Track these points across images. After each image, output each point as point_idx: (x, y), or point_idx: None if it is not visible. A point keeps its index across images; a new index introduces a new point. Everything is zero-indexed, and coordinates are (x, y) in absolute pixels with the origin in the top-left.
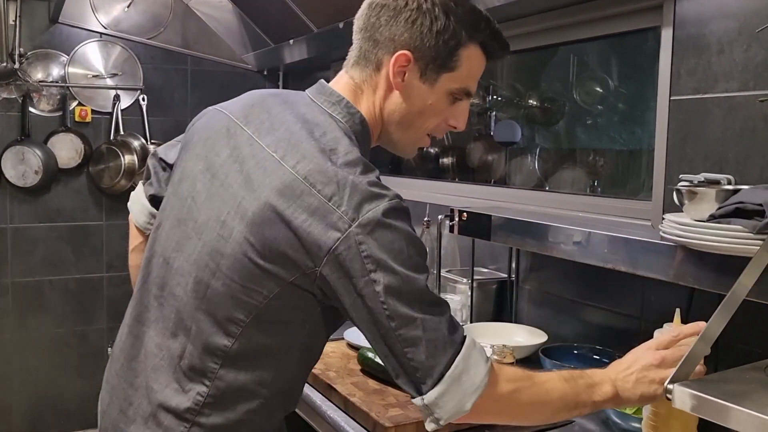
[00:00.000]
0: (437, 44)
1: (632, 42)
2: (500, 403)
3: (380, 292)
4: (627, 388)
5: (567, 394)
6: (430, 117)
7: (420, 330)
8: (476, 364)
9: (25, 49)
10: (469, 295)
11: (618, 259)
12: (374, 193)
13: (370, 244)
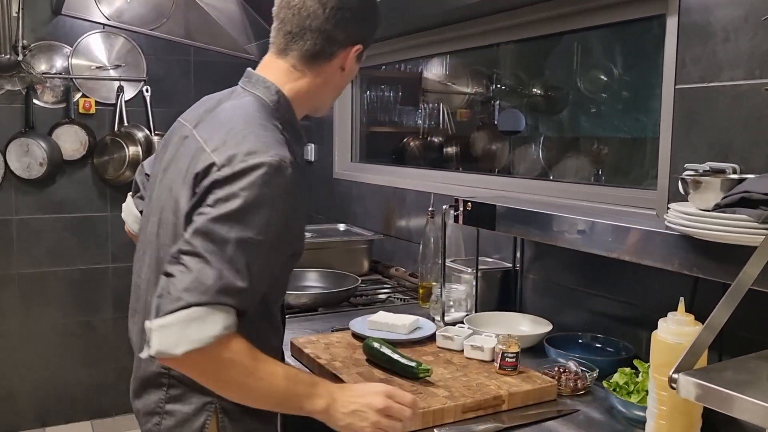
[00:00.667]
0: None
1: (636, 29)
2: (211, 367)
3: (201, 222)
4: (342, 412)
5: (278, 392)
6: (339, 89)
7: (198, 265)
8: (214, 325)
9: (28, 40)
10: (473, 285)
11: (623, 248)
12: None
13: (222, 187)
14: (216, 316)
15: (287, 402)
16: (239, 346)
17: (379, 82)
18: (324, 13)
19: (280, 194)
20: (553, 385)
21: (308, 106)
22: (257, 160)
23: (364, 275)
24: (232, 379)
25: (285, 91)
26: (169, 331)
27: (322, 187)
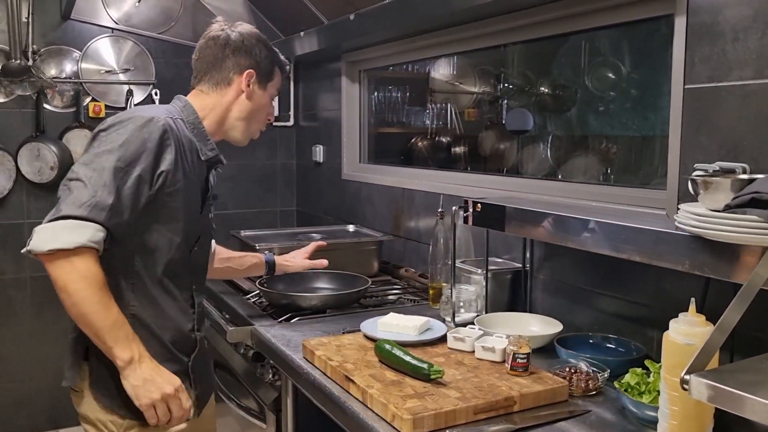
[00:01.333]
0: (266, 63)
1: (644, 27)
2: (65, 270)
3: (84, 156)
4: (138, 374)
5: (104, 323)
6: (261, 112)
7: (78, 186)
8: (81, 235)
9: (38, 45)
10: (483, 286)
11: (633, 249)
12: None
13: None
14: (85, 229)
15: (105, 335)
16: (95, 267)
17: (386, 83)
18: (218, 51)
19: (151, 139)
20: (564, 386)
21: (216, 118)
22: (132, 115)
23: (374, 276)
24: (76, 291)
25: (193, 104)
26: (44, 233)
27: (330, 188)
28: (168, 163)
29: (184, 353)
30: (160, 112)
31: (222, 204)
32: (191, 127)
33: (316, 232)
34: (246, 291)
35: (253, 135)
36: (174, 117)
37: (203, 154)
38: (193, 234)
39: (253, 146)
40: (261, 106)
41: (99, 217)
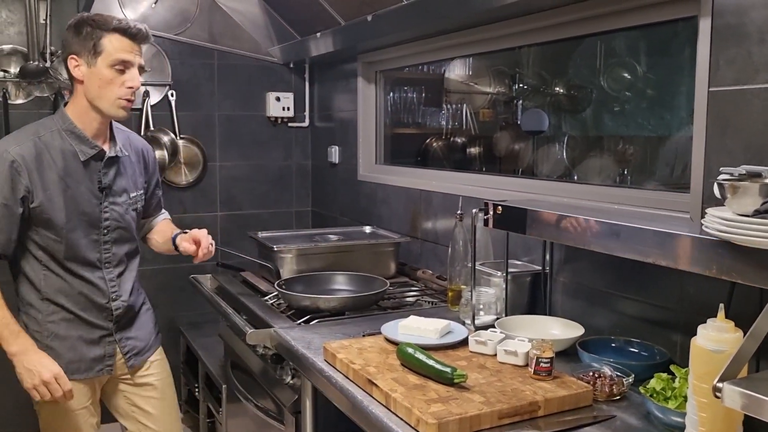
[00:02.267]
0: (84, 44)
1: (662, 27)
2: None
3: None
4: (23, 364)
5: None
6: (109, 86)
7: None
8: None
9: (56, 47)
10: (503, 288)
11: (659, 253)
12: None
13: None
14: None
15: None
16: None
17: (402, 84)
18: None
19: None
20: (588, 391)
21: (83, 113)
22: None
23: (391, 278)
24: None
25: (67, 110)
26: None
27: (346, 189)
28: (24, 188)
29: (105, 320)
30: (13, 141)
31: (237, 204)
32: (68, 134)
33: (332, 233)
34: (264, 292)
35: (123, 106)
36: (40, 135)
37: (83, 154)
38: (94, 225)
39: (269, 146)
40: (102, 80)
41: None
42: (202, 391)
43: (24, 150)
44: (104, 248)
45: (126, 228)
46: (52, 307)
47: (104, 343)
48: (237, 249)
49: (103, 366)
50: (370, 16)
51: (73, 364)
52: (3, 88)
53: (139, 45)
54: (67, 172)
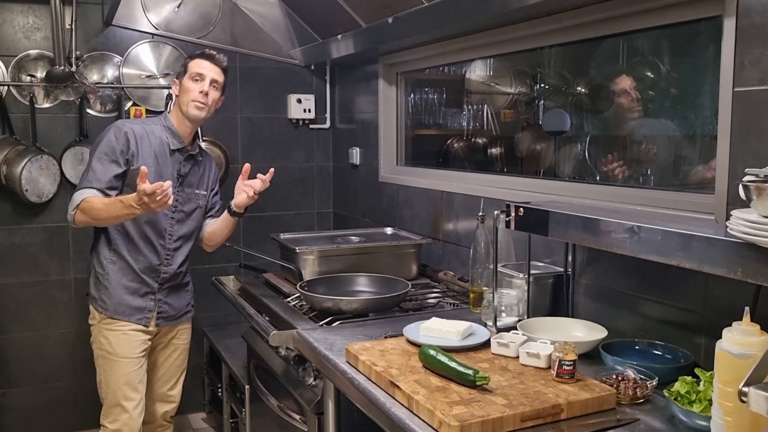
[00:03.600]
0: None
1: (685, 25)
2: (80, 214)
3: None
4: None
5: (107, 216)
6: (188, 93)
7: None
8: (80, 195)
9: (81, 52)
10: (525, 290)
11: (683, 255)
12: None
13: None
14: (82, 193)
15: (120, 215)
16: (89, 202)
17: (423, 85)
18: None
19: (119, 136)
20: (611, 394)
21: (178, 115)
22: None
23: (413, 279)
24: (87, 218)
25: (170, 115)
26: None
27: (367, 190)
28: (130, 151)
29: (152, 279)
30: (131, 122)
31: (260, 206)
32: (165, 129)
33: (353, 235)
34: (286, 294)
35: (193, 107)
36: (149, 124)
37: (173, 145)
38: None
39: (291, 148)
40: (184, 90)
41: (90, 183)
42: (226, 392)
43: (135, 127)
44: (170, 222)
45: (188, 214)
46: (116, 257)
47: (147, 298)
48: (259, 250)
49: (142, 316)
50: (391, 18)
51: (120, 306)
52: (30, 92)
53: (213, 65)
54: (160, 153)
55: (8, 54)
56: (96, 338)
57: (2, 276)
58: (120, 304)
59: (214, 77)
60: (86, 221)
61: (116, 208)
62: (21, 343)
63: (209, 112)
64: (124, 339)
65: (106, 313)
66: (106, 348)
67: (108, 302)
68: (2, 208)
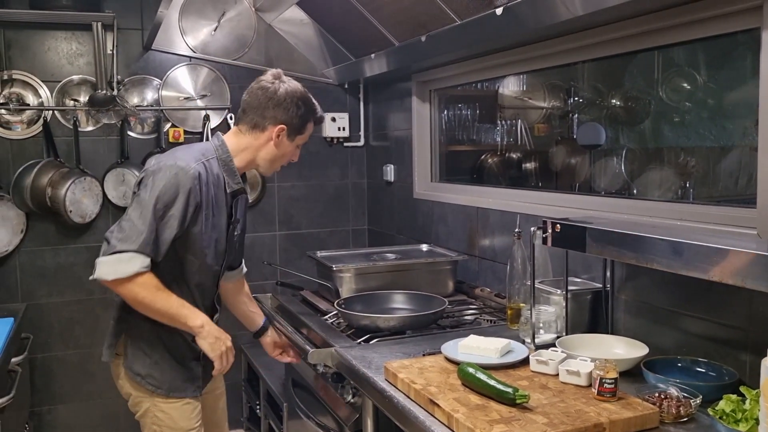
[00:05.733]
0: (298, 121)
1: (721, 36)
2: (129, 289)
3: (134, 200)
4: (210, 332)
5: (170, 310)
6: (286, 158)
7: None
8: (134, 266)
9: (122, 76)
10: (563, 306)
11: (725, 272)
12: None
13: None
14: (136, 260)
15: (177, 317)
16: (149, 279)
17: (456, 101)
18: (263, 100)
19: (183, 185)
20: (655, 412)
21: (246, 158)
22: (167, 163)
23: (449, 296)
24: (144, 299)
25: (228, 143)
26: (106, 266)
27: (402, 207)
28: (194, 205)
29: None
30: (192, 158)
31: (296, 224)
32: (222, 164)
33: (389, 252)
34: (324, 311)
35: (275, 170)
36: (207, 158)
37: (229, 186)
38: (220, 255)
39: (325, 166)
40: (285, 153)
41: (145, 250)
42: (264, 409)
43: (200, 168)
44: (220, 281)
45: (236, 263)
46: (163, 325)
47: (194, 365)
48: (296, 268)
49: (195, 387)
50: (425, 36)
51: (175, 381)
52: (74, 116)
53: None
54: (216, 199)
55: (53, 80)
56: (149, 413)
57: (48, 295)
58: (175, 379)
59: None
60: (128, 295)
61: (177, 313)
62: (65, 360)
63: None
64: (187, 410)
65: (160, 392)
66: (168, 424)
67: (161, 379)
68: (47, 229)
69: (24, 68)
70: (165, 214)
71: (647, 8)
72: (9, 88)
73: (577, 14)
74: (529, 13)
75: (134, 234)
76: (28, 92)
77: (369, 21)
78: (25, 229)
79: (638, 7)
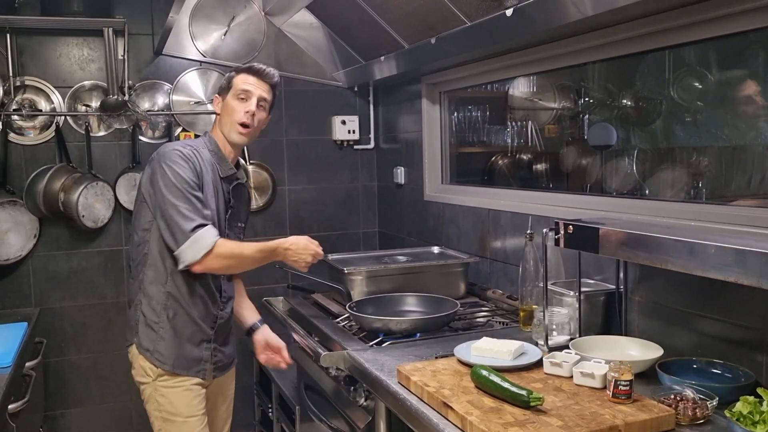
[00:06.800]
0: (225, 83)
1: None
2: (214, 260)
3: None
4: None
5: (256, 255)
6: (234, 115)
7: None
8: (207, 235)
9: (133, 81)
10: (576, 308)
11: (741, 272)
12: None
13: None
14: (208, 230)
15: (265, 255)
16: (225, 242)
17: (466, 103)
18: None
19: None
20: (671, 414)
21: (222, 141)
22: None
23: (461, 298)
24: (234, 261)
25: (213, 136)
26: (187, 252)
27: (413, 209)
28: (196, 173)
29: (208, 326)
30: (179, 145)
31: (306, 227)
32: (212, 153)
33: (400, 255)
34: (335, 314)
35: (243, 136)
36: (196, 147)
37: (223, 171)
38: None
39: (335, 169)
40: (228, 112)
41: (206, 218)
42: (276, 412)
43: (188, 151)
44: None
45: None
46: (172, 301)
47: (202, 347)
48: (307, 271)
49: (200, 368)
50: (434, 38)
51: (179, 358)
52: (86, 121)
53: (262, 81)
54: (212, 180)
55: (65, 85)
56: (152, 398)
57: (60, 299)
58: (179, 356)
59: (262, 95)
60: (219, 265)
61: (262, 251)
62: (78, 364)
63: (254, 137)
64: (188, 396)
65: (165, 368)
66: (168, 409)
67: (166, 354)
68: (60, 234)
69: (36, 74)
70: (188, 185)
71: (657, 8)
72: (21, 94)
73: (587, 14)
74: (539, 14)
75: (185, 212)
76: (41, 98)
77: (378, 24)
78: (38, 234)
79: (648, 7)
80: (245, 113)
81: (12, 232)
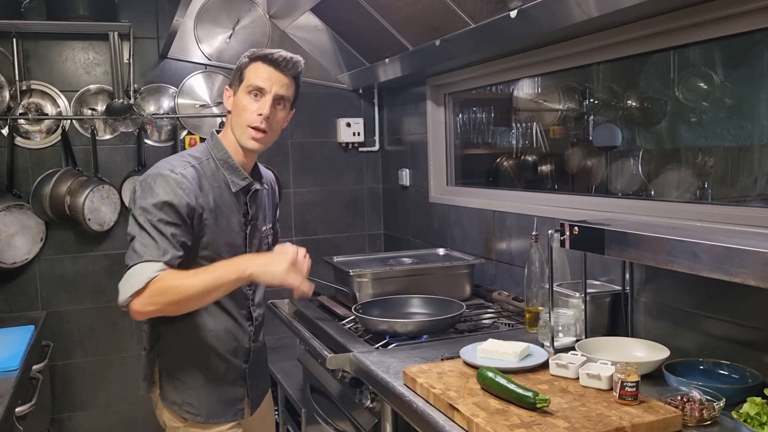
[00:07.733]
0: (236, 74)
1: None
2: (147, 300)
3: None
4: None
5: (209, 283)
6: (246, 114)
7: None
8: (143, 272)
9: (139, 84)
10: (582, 309)
11: (747, 272)
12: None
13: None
14: (145, 267)
15: (221, 284)
16: (165, 277)
17: (470, 104)
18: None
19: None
20: (677, 416)
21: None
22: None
23: (467, 300)
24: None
25: (222, 140)
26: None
27: (418, 211)
28: (186, 206)
29: (241, 360)
30: (178, 164)
31: (312, 229)
32: (221, 163)
33: (406, 256)
34: (341, 316)
35: (256, 140)
36: (200, 161)
37: (234, 185)
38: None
39: (341, 172)
40: (239, 109)
41: (153, 256)
42: (282, 414)
43: (188, 172)
44: (247, 285)
45: None
46: (196, 344)
47: (236, 385)
48: (313, 273)
49: (236, 410)
50: (438, 40)
51: (213, 406)
52: (91, 125)
53: (280, 74)
54: (222, 201)
55: (70, 89)
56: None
57: (67, 302)
58: (213, 405)
59: (279, 92)
60: (154, 307)
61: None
62: (85, 367)
63: (271, 141)
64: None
65: (199, 419)
66: None
67: (198, 405)
68: (66, 237)
69: (42, 78)
70: (158, 219)
71: (662, 8)
72: (28, 99)
73: (591, 15)
74: (544, 16)
75: (137, 246)
76: (47, 102)
77: (383, 26)
78: (44, 237)
79: (653, 8)
80: (258, 116)
81: (19, 235)
